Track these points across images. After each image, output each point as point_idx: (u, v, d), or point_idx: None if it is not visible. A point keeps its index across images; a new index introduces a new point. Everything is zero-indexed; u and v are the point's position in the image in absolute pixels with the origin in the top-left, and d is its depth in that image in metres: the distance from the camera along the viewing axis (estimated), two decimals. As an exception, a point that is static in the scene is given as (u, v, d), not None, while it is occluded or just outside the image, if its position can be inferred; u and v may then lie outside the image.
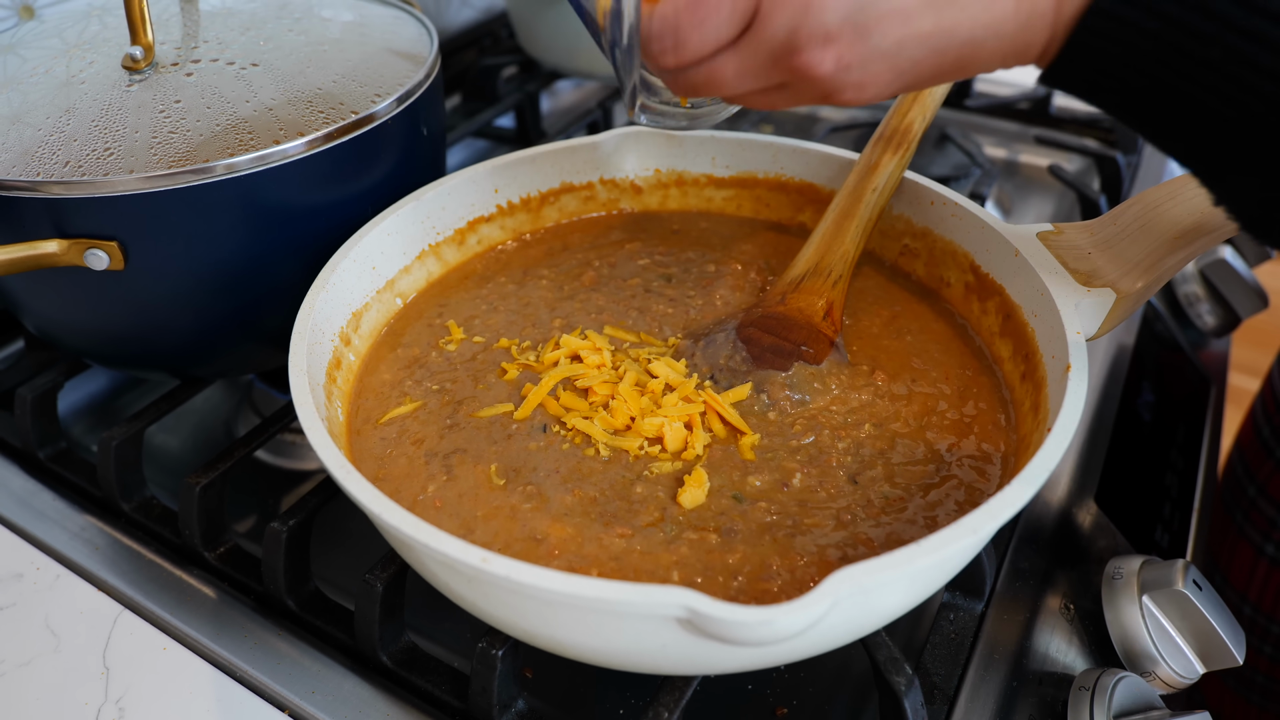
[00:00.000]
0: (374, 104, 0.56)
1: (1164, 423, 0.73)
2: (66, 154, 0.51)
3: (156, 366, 0.62)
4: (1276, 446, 0.86)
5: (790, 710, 0.51)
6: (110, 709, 0.47)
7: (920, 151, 0.94)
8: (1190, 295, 0.83)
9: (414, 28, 0.66)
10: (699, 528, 0.43)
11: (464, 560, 0.35)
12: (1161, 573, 0.50)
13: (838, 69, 0.39)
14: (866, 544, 0.43)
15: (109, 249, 0.51)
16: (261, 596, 0.53)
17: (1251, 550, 0.87)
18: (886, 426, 0.49)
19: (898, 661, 0.43)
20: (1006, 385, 0.51)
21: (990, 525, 0.36)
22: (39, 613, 0.52)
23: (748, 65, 0.40)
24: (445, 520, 0.45)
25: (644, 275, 0.60)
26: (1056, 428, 0.40)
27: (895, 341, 0.54)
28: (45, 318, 0.59)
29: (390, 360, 0.55)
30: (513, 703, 0.46)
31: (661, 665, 0.40)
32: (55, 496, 0.59)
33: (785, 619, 0.32)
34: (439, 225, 0.61)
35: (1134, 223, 0.50)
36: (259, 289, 0.56)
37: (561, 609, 0.36)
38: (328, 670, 0.49)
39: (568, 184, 0.65)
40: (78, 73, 0.57)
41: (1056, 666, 0.50)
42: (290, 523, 0.50)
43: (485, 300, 0.59)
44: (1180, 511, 0.68)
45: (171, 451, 0.72)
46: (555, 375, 0.50)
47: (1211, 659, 0.49)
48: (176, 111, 0.54)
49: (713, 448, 0.48)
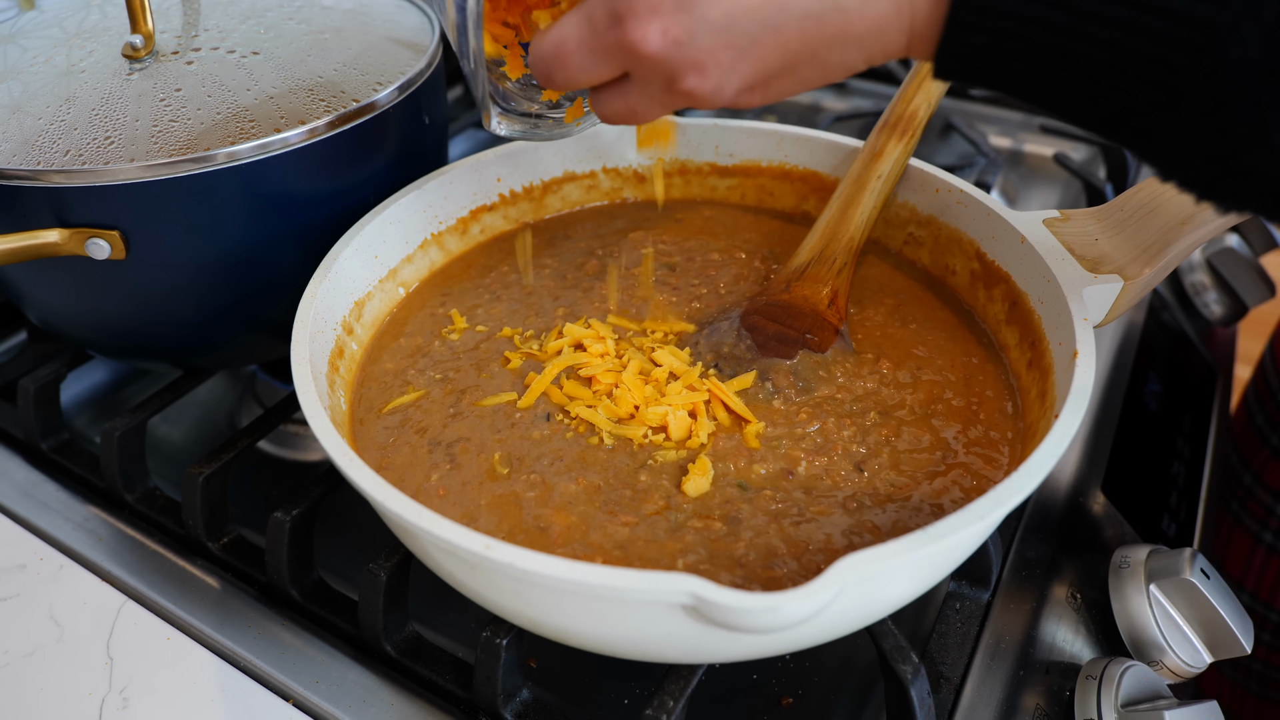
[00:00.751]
0: (376, 92, 0.56)
1: (1171, 412, 0.73)
2: (67, 143, 0.51)
3: (158, 357, 0.61)
4: (1272, 434, 0.86)
5: (795, 700, 0.51)
6: (114, 699, 0.47)
7: (925, 141, 0.93)
8: (1197, 284, 0.82)
9: (416, 16, 0.66)
10: (704, 516, 0.43)
11: (468, 548, 0.35)
12: (1169, 562, 0.50)
13: (666, 43, 0.37)
14: (873, 531, 0.42)
15: (110, 238, 0.51)
16: (265, 587, 0.53)
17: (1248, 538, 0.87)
18: (892, 414, 0.48)
19: (904, 650, 0.43)
20: (1013, 373, 0.51)
21: (998, 512, 0.36)
22: (43, 603, 0.52)
23: (586, 37, 0.40)
24: (449, 509, 0.44)
25: (648, 263, 0.60)
26: (1064, 413, 0.40)
27: (900, 329, 0.54)
28: (47, 309, 0.58)
29: (393, 349, 0.54)
30: (517, 692, 0.45)
31: (667, 653, 0.40)
32: (58, 487, 0.59)
33: (791, 605, 0.32)
34: (441, 214, 0.60)
35: (1140, 208, 0.50)
36: (261, 278, 0.55)
37: (566, 596, 0.36)
38: (332, 660, 0.49)
39: (570, 173, 0.65)
40: (78, 62, 0.57)
41: (1063, 656, 0.50)
42: (294, 512, 0.50)
43: (488, 289, 0.59)
44: (1187, 501, 0.68)
45: (174, 442, 0.72)
46: (559, 364, 0.50)
47: (1219, 648, 0.49)
48: (177, 100, 0.53)
49: (717, 436, 0.47)
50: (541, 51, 0.42)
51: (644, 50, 0.38)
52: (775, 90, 0.40)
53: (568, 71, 0.41)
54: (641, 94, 0.41)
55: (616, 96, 0.42)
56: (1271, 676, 0.88)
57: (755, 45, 0.37)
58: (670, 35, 0.37)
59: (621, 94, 0.42)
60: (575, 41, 0.40)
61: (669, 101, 0.41)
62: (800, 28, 0.36)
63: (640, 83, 0.41)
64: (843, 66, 0.38)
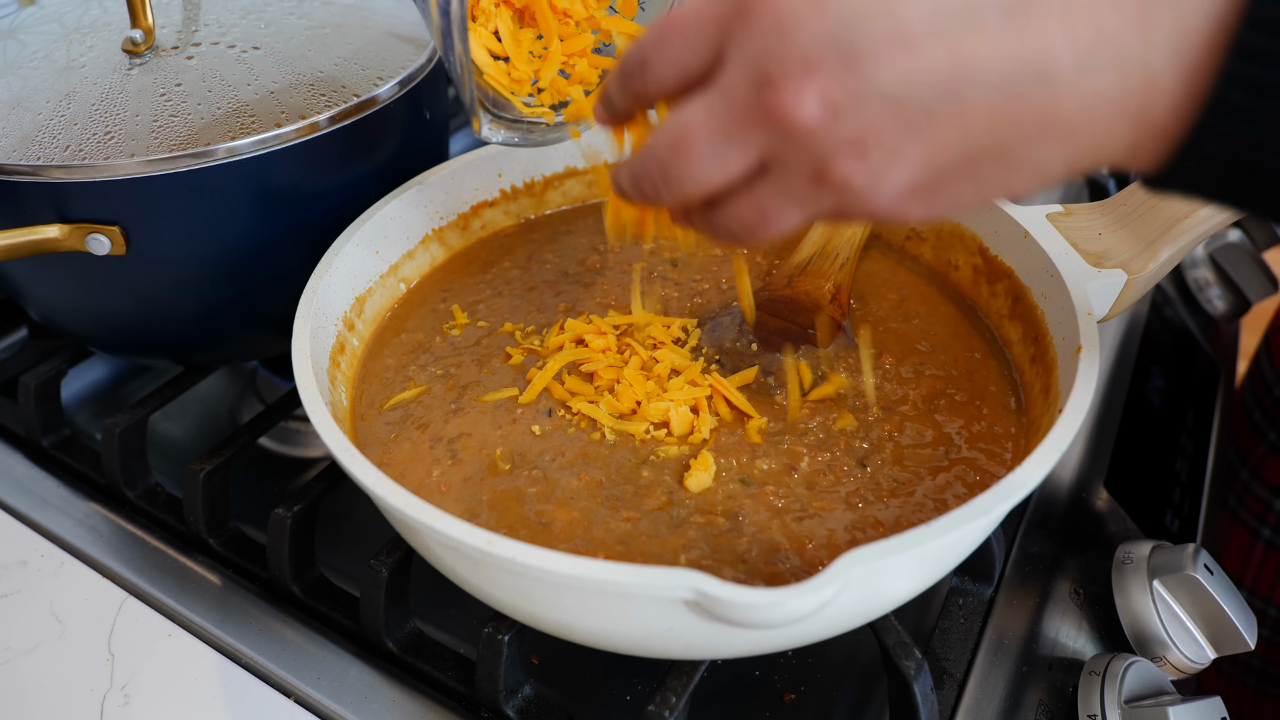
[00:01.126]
0: (376, 87, 0.56)
1: (1173, 408, 0.72)
2: (67, 138, 0.51)
3: (159, 353, 0.61)
4: (1269, 429, 0.86)
5: (798, 696, 0.50)
6: (115, 695, 0.47)
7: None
8: (1200, 280, 0.82)
9: (416, 11, 0.65)
10: (706, 511, 0.43)
11: (470, 543, 0.35)
12: (1172, 557, 0.50)
13: (824, 112, 0.29)
14: (876, 527, 0.42)
15: (110, 233, 0.50)
16: (266, 583, 0.53)
17: (1246, 534, 0.87)
18: (895, 409, 0.48)
19: (907, 646, 0.43)
20: (1016, 368, 0.51)
21: (1002, 507, 0.36)
22: (44, 599, 0.52)
23: (717, 111, 0.31)
24: (450, 505, 0.44)
25: (649, 259, 0.60)
26: (1068, 408, 0.40)
27: (903, 325, 0.54)
28: (48, 304, 0.58)
29: (394, 345, 0.54)
30: (519, 688, 0.45)
31: (669, 649, 0.39)
32: (59, 484, 0.59)
33: (795, 600, 0.32)
34: (442, 210, 0.60)
35: (1144, 203, 0.50)
36: (261, 274, 0.55)
37: (569, 592, 0.36)
38: (333, 656, 0.49)
39: (571, 169, 0.65)
40: (78, 57, 0.57)
41: (1066, 652, 0.50)
42: (295, 509, 0.50)
43: (489, 285, 0.58)
44: (1190, 497, 0.68)
45: (175, 439, 0.72)
46: (560, 359, 0.50)
47: (1222, 644, 0.49)
48: (177, 95, 0.53)
49: (719, 431, 0.47)
50: (658, 146, 0.33)
51: (795, 119, 0.29)
52: (945, 197, 0.31)
53: (689, 165, 0.32)
54: (777, 188, 0.32)
55: (743, 199, 0.33)
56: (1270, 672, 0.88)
57: (930, 122, 0.28)
58: (830, 100, 0.29)
59: (750, 194, 0.33)
60: (704, 123, 0.31)
61: (811, 199, 0.32)
62: (989, 103, 0.28)
63: (779, 172, 0.31)
64: (1036, 170, 0.29)
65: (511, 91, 0.50)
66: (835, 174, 0.30)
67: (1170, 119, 0.27)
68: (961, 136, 0.29)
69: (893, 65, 0.28)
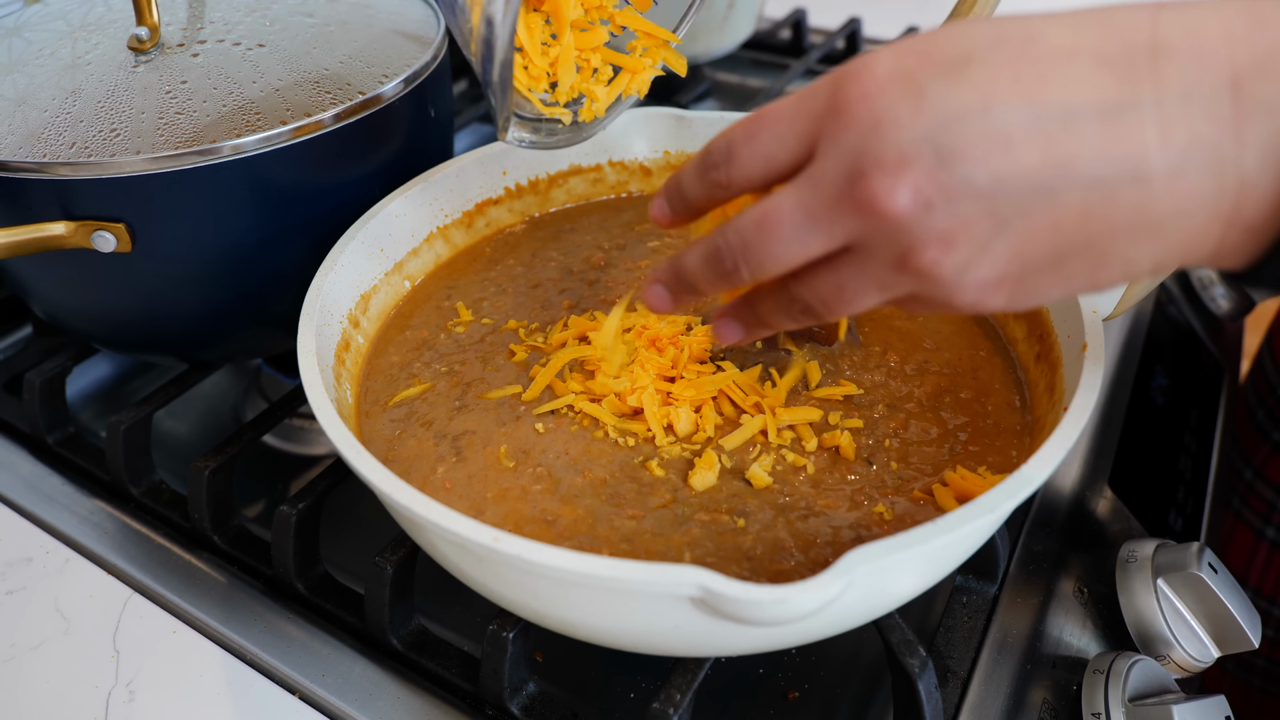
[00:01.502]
0: (381, 85, 0.56)
1: (1178, 407, 0.72)
2: (73, 135, 0.51)
3: (164, 351, 0.61)
4: (1273, 429, 0.86)
5: (802, 694, 0.50)
6: (120, 691, 0.47)
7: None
8: (1204, 278, 0.82)
9: (421, 9, 0.66)
10: (711, 509, 0.43)
11: (475, 540, 0.35)
12: (1176, 556, 0.50)
13: (915, 205, 0.29)
14: (880, 525, 0.42)
15: (116, 231, 0.51)
16: (271, 580, 0.53)
17: (1250, 534, 0.87)
18: (900, 407, 0.48)
19: (911, 644, 0.43)
20: (1021, 366, 0.51)
21: (1007, 504, 0.36)
22: (49, 596, 0.52)
23: (806, 198, 0.31)
24: (455, 502, 0.44)
25: (654, 257, 0.60)
26: (1074, 406, 0.40)
27: (908, 323, 0.54)
28: (53, 302, 0.58)
29: (399, 342, 0.54)
30: (523, 685, 0.45)
31: (674, 646, 0.39)
32: (64, 481, 0.59)
33: (800, 598, 0.32)
34: (447, 207, 0.60)
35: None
36: (267, 271, 0.55)
37: (574, 589, 0.36)
38: (338, 653, 0.49)
39: (576, 166, 0.65)
40: (83, 55, 0.57)
41: (1070, 650, 0.50)
42: (300, 506, 0.50)
43: (494, 282, 0.58)
44: (1194, 496, 0.68)
45: (180, 436, 0.72)
46: (563, 356, 0.50)
47: (1226, 642, 0.49)
48: (183, 92, 0.53)
49: (723, 429, 0.47)
50: (743, 224, 0.33)
51: (885, 208, 0.29)
52: (1030, 290, 0.31)
53: (774, 243, 0.32)
54: (859, 270, 0.32)
55: (824, 274, 0.33)
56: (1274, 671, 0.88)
57: (1021, 218, 0.29)
58: (922, 195, 0.29)
59: (832, 270, 0.33)
60: (792, 208, 0.32)
61: (892, 283, 0.32)
62: (1083, 201, 0.28)
63: (862, 255, 0.32)
64: (1124, 267, 0.30)
65: (529, 88, 0.50)
66: (921, 261, 0.30)
67: (1264, 218, 0.28)
68: (1052, 233, 0.29)
69: (988, 164, 0.28)
